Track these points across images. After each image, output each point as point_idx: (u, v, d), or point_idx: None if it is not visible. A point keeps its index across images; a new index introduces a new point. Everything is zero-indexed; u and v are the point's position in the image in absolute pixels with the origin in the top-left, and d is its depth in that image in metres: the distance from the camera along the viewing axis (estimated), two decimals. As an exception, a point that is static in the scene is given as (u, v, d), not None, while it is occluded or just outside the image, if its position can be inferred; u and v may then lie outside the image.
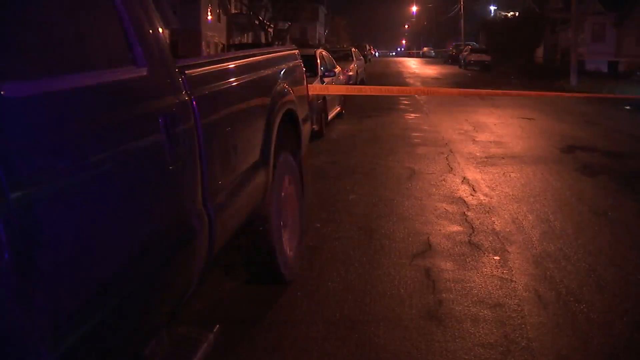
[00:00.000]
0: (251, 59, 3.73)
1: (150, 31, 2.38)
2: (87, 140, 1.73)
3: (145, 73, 2.22)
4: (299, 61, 5.07)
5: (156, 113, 2.18)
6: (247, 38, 50.12)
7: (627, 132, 12.29)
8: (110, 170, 1.83)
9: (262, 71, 3.82)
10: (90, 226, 1.72)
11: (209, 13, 42.22)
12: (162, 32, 2.51)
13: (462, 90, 15.35)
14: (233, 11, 47.14)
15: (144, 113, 2.13)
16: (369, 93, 11.33)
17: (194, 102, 2.52)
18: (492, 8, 69.68)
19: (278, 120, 3.77)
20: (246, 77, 3.44)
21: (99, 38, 2.11)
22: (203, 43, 40.71)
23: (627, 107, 16.71)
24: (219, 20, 44.67)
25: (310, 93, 5.92)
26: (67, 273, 1.59)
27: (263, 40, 44.25)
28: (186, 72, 2.58)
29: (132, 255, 1.95)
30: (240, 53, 3.66)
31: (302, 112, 4.62)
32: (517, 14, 50.52)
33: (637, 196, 6.86)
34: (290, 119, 4.25)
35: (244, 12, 46.11)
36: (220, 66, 3.13)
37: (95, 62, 2.02)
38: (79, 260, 1.65)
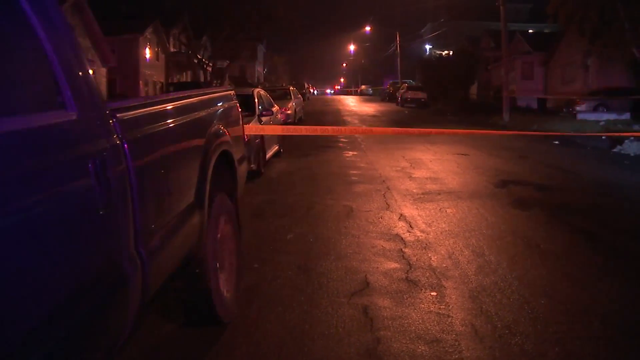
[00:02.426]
0: (185, 100, 3.73)
1: (80, 73, 2.36)
2: (10, 186, 1.70)
3: (74, 117, 2.20)
4: (235, 102, 5.09)
5: (86, 157, 2.15)
6: (186, 76, 50.00)
7: (556, 166, 12.71)
8: (35, 217, 1.80)
9: (196, 113, 3.82)
10: (14, 274, 1.68)
11: (148, 51, 42.04)
12: (94, 73, 2.50)
13: (396, 129, 15.67)
14: (172, 50, 47.03)
15: (72, 158, 2.10)
16: (304, 133, 11.40)
17: (126, 146, 2.50)
18: (428, 47, 71.60)
19: (213, 161, 3.76)
20: (180, 119, 3.43)
21: (26, 81, 2.09)
22: (141, 82, 40.43)
23: (556, 142, 17.36)
24: (157, 58, 44.49)
25: (246, 133, 5.94)
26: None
27: (202, 78, 44.23)
28: (117, 115, 2.56)
29: (59, 303, 1.91)
30: (174, 95, 3.66)
31: (238, 153, 4.63)
32: (451, 52, 52.00)
33: (566, 227, 7.07)
34: (226, 159, 4.25)
35: (183, 51, 46.09)
36: (153, 109, 3.11)
37: (21, 106, 1.99)
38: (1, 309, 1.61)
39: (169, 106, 3.38)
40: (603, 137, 17.12)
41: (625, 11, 24.66)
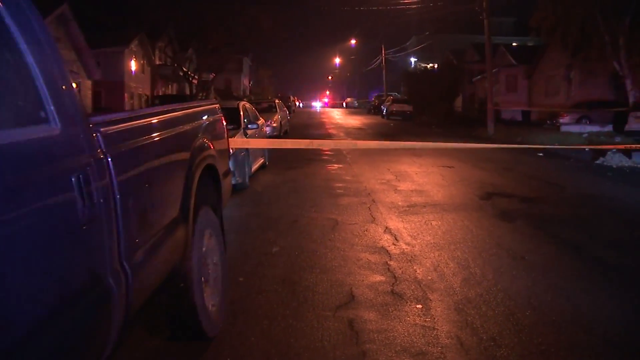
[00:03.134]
0: (170, 114, 3.72)
1: (63, 87, 2.36)
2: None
3: (57, 132, 2.19)
4: (220, 115, 5.09)
5: (69, 172, 2.15)
6: (172, 89, 49.97)
7: (541, 178, 12.81)
8: (17, 231, 1.79)
9: (181, 127, 3.81)
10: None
11: (133, 64, 41.98)
12: (77, 86, 2.49)
13: (381, 142, 15.73)
14: (157, 62, 47.00)
15: (55, 172, 2.09)
16: (289, 147, 11.36)
17: (109, 160, 2.49)
18: (413, 60, 72.01)
19: (197, 175, 3.75)
20: (165, 133, 3.43)
21: (8, 95, 2.08)
22: (126, 94, 40.35)
23: (540, 154, 17.50)
24: (143, 71, 44.44)
25: (231, 147, 5.94)
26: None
27: (187, 91, 44.21)
28: (101, 129, 2.55)
29: (41, 318, 1.89)
30: (159, 109, 3.65)
31: (222, 167, 4.62)
32: (436, 65, 52.37)
33: (551, 239, 7.12)
34: (211, 173, 4.24)
35: (168, 64, 46.07)
36: (137, 122, 3.10)
37: (3, 121, 1.98)
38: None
39: (153, 120, 3.38)
40: (586, 149, 17.29)
41: (605, 25, 25.05)
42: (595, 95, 30.69)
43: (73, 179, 2.14)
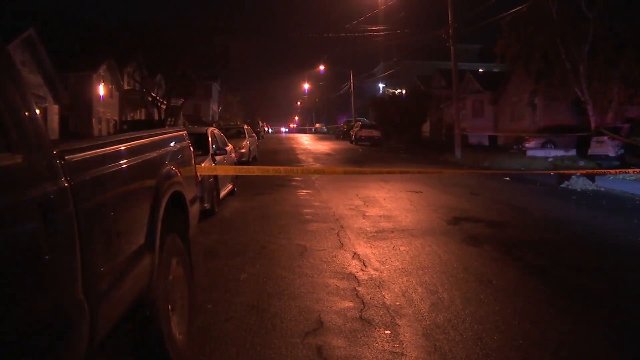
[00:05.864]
0: (136, 142, 3.70)
1: (26, 114, 2.33)
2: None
3: (20, 160, 2.17)
4: (187, 142, 5.07)
5: (31, 201, 2.12)
6: (140, 114, 49.63)
7: (507, 202, 12.95)
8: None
9: (147, 154, 3.79)
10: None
11: (102, 89, 41.67)
12: (41, 112, 2.47)
13: (347, 169, 15.79)
14: (126, 87, 46.72)
15: (17, 202, 2.06)
16: (257, 173, 11.33)
17: (73, 189, 2.46)
18: (381, 85, 72.76)
19: (164, 203, 3.73)
20: (131, 161, 3.40)
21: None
22: (94, 119, 40.00)
23: (507, 179, 17.74)
24: (111, 96, 44.12)
25: (199, 174, 5.92)
26: None
27: (156, 116, 43.96)
28: (66, 157, 2.53)
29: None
30: (125, 136, 3.63)
31: (190, 194, 4.60)
32: (404, 91, 52.97)
33: (517, 263, 7.19)
34: (178, 200, 4.22)
35: (137, 89, 45.83)
36: (103, 150, 3.08)
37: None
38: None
39: (119, 147, 3.35)
40: (551, 174, 17.57)
41: (566, 53, 25.67)
42: (559, 121, 31.31)
43: (36, 209, 2.11)
